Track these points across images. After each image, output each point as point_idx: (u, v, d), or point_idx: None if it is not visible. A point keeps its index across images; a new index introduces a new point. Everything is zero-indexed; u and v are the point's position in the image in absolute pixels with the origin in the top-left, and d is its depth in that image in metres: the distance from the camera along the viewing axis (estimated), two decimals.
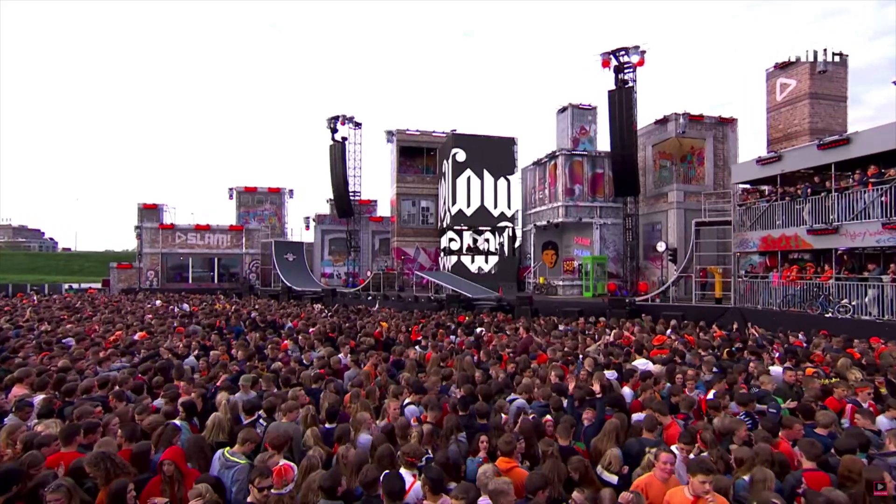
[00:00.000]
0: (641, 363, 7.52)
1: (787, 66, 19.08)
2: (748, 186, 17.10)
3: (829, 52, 17.55)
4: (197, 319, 14.34)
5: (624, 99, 20.42)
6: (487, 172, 27.09)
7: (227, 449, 4.00)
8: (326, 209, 35.03)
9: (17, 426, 4.44)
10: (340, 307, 19.54)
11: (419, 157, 31.71)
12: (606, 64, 20.56)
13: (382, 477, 3.62)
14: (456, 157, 26.99)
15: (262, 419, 4.95)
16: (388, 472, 3.78)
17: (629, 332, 11.47)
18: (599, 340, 10.48)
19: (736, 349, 9.10)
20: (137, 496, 3.39)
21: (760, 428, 4.43)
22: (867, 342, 9.20)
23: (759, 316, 13.84)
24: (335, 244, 33.50)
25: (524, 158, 29.69)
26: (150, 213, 34.83)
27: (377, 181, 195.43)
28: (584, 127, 26.54)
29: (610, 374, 7.06)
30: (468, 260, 26.62)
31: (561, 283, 24.31)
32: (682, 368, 7.00)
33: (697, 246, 18.15)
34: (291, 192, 38.63)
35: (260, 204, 37.56)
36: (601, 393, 6.01)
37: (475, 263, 26.57)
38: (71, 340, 9.71)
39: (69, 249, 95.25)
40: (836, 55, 17.82)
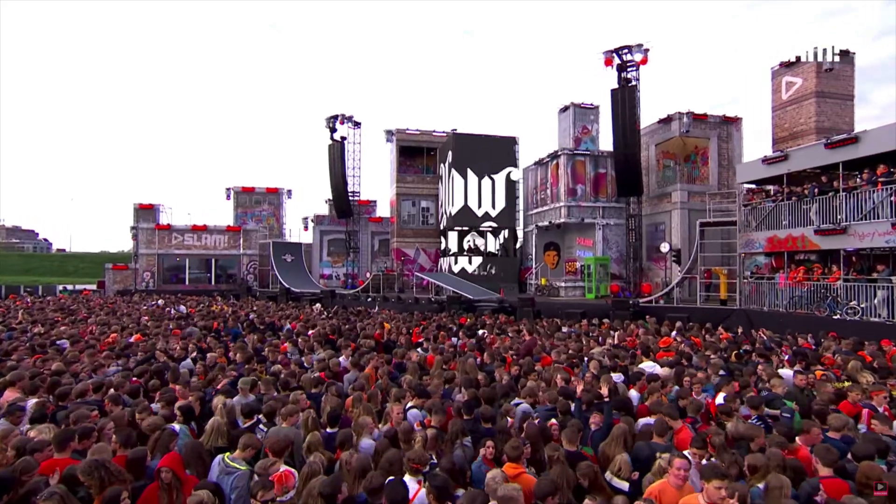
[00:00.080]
0: (648, 366, 7.44)
1: (792, 64, 19.03)
2: (753, 186, 17.03)
3: (835, 49, 17.49)
4: (193, 321, 14.26)
5: (627, 98, 20.38)
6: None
7: (226, 454, 3.92)
8: (325, 209, 35.02)
9: (8, 431, 4.35)
10: (340, 309, 19.45)
11: (419, 156, 31.68)
12: (609, 62, 20.54)
13: (385, 484, 3.55)
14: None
15: (262, 424, 4.87)
16: (391, 479, 3.70)
17: (633, 334, 11.39)
18: (604, 343, 10.41)
19: (743, 351, 9.03)
20: None
21: (775, 433, 4.34)
22: (877, 345, 9.13)
23: (765, 318, 13.77)
24: (334, 245, 33.45)
25: (525, 158, 29.57)
26: (146, 213, 34.78)
27: (376, 181, 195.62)
28: (586, 126, 26.51)
29: (616, 376, 6.97)
30: (465, 261, 26.60)
31: (563, 284, 24.25)
32: (689, 371, 6.93)
33: (702, 247, 18.08)
34: (290, 192, 38.58)
35: (258, 204, 37.47)
36: (609, 396, 5.92)
37: (471, 264, 26.54)
38: (65, 343, 9.62)
39: (64, 250, 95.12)
40: (842, 53, 17.77)
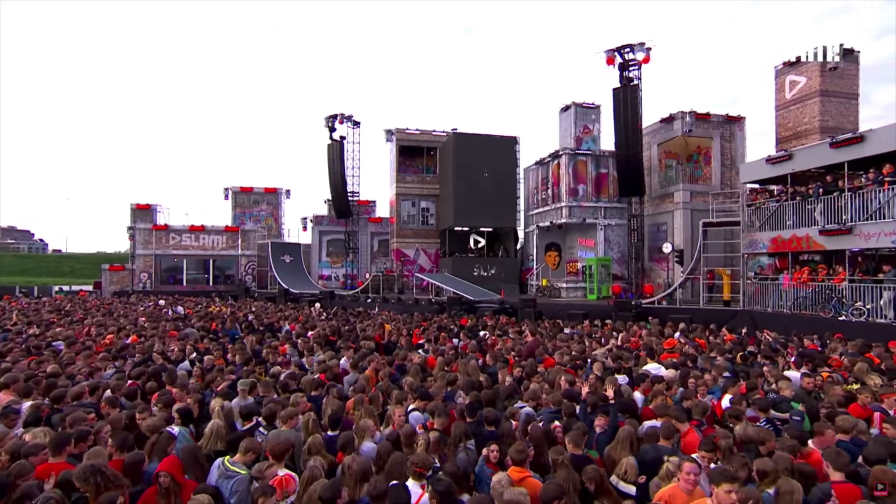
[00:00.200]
0: (653, 367, 7.40)
1: (796, 63, 19.00)
2: (757, 186, 17.01)
3: (839, 48, 17.44)
4: (191, 322, 14.20)
5: (629, 97, 20.35)
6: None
7: (226, 458, 3.86)
8: (324, 210, 34.94)
9: (3, 434, 4.30)
10: (339, 310, 19.39)
11: (419, 156, 31.62)
12: (611, 61, 20.50)
13: (387, 489, 3.51)
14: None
15: (261, 427, 4.81)
16: (394, 483, 3.66)
17: (636, 335, 11.35)
18: (607, 344, 10.38)
19: (748, 353, 8.99)
20: None
21: (786, 436, 4.29)
22: (884, 346, 9.09)
23: (769, 319, 13.75)
24: (333, 245, 33.36)
25: (526, 158, 29.58)
26: (143, 213, 34.66)
27: (376, 181, 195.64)
28: (587, 126, 26.49)
29: (621, 378, 6.94)
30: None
31: (564, 285, 24.22)
32: (694, 373, 6.89)
33: (705, 247, 18.06)
34: (288, 192, 38.48)
35: (256, 204, 37.39)
36: (613, 399, 5.88)
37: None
38: (61, 344, 9.56)
39: (60, 251, 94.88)
40: (846, 51, 17.74)
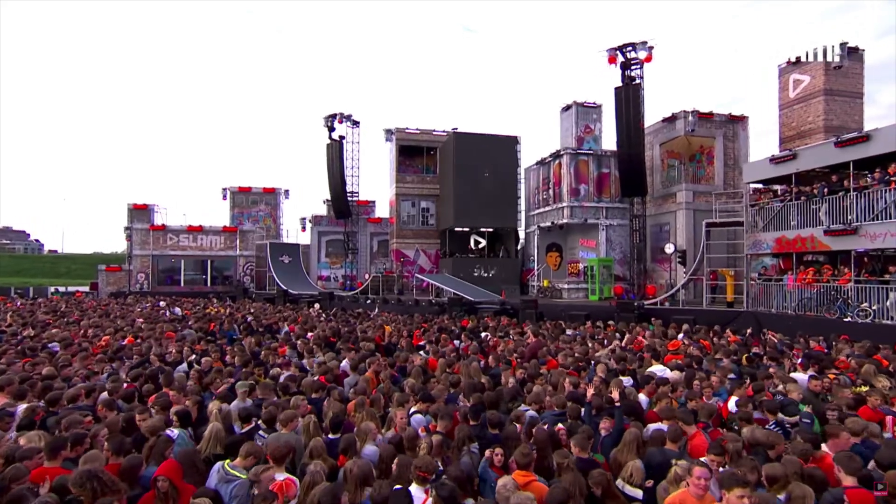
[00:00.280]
0: (658, 369, 7.34)
1: (800, 62, 18.94)
2: (760, 186, 16.96)
3: (844, 47, 17.38)
4: (188, 323, 14.13)
5: (631, 96, 20.32)
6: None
7: (227, 461, 3.81)
8: (323, 210, 34.92)
9: None
10: (339, 311, 19.34)
11: (419, 156, 31.58)
12: (613, 60, 20.47)
13: (390, 494, 3.46)
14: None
15: (261, 430, 4.75)
16: (397, 488, 3.61)
17: (639, 336, 11.31)
18: (610, 345, 10.32)
19: (754, 354, 8.94)
20: None
21: (799, 439, 4.24)
22: (891, 348, 9.04)
23: (774, 320, 13.70)
24: (332, 246, 33.31)
25: (527, 157, 29.55)
26: (140, 213, 34.59)
27: (376, 181, 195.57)
28: (588, 125, 26.45)
29: (625, 380, 6.89)
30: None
31: (566, 285, 24.17)
32: (700, 375, 6.84)
33: (708, 247, 18.02)
34: (287, 192, 38.40)
35: (254, 204, 37.31)
36: (619, 401, 5.83)
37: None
38: (56, 346, 9.49)
39: (56, 251, 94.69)
40: (851, 50, 17.68)
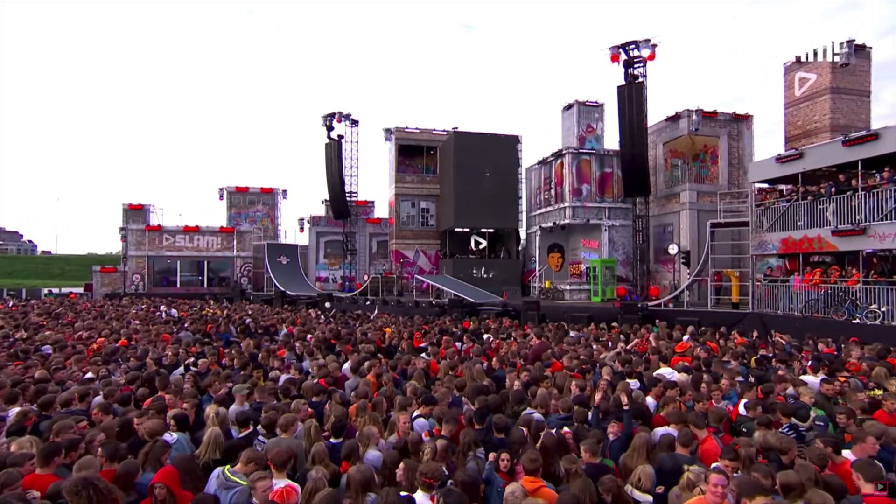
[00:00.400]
0: (667, 372, 7.26)
1: (806, 60, 18.88)
2: (765, 186, 16.91)
3: (851, 44, 17.30)
4: (184, 325, 14.03)
5: (634, 95, 20.25)
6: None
7: (227, 467, 3.73)
8: (321, 210, 34.86)
9: None
10: (338, 312, 19.27)
11: (419, 156, 31.54)
12: (616, 58, 20.41)
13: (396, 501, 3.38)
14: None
15: (260, 435, 4.67)
16: (403, 495, 3.53)
17: (644, 338, 11.25)
18: (615, 348, 10.25)
19: (762, 357, 8.87)
20: None
21: (818, 443, 4.15)
22: None
23: (780, 322, 13.63)
24: (331, 247, 33.24)
25: (529, 157, 29.51)
26: (135, 213, 34.50)
27: (375, 181, 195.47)
28: (590, 125, 26.43)
29: (633, 383, 6.82)
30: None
31: (568, 287, 24.10)
32: (707, 378, 6.77)
33: (712, 248, 17.96)
34: (285, 192, 38.28)
35: (252, 205, 37.21)
36: (627, 404, 5.76)
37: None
38: (48, 348, 9.39)
39: (49, 252, 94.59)
40: (857, 47, 17.61)
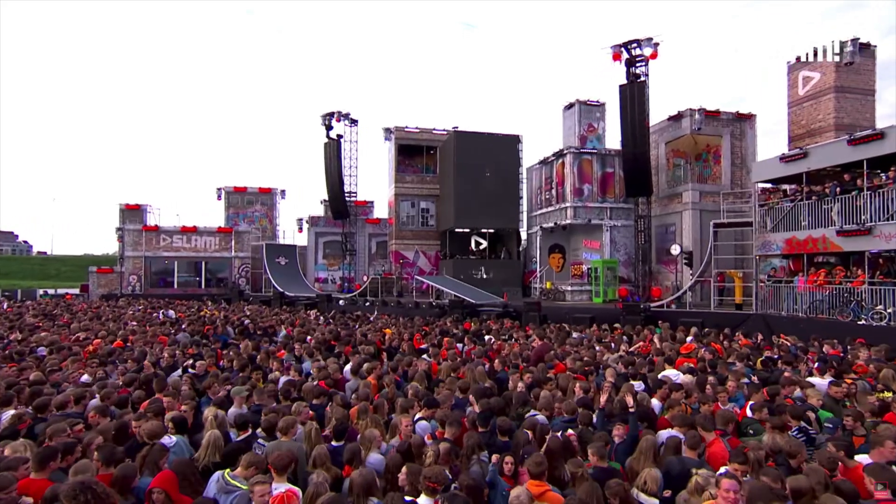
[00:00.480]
0: (672, 374, 7.22)
1: (809, 59, 18.85)
2: (769, 186, 16.88)
3: (856, 43, 17.27)
4: (181, 326, 13.96)
5: (636, 94, 20.22)
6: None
7: (227, 471, 3.67)
8: (320, 210, 34.77)
9: None
10: (337, 314, 19.21)
11: (419, 155, 31.52)
12: (617, 57, 20.38)
13: None
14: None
15: (260, 438, 4.61)
16: (407, 501, 3.48)
17: (647, 339, 11.21)
18: (618, 349, 10.21)
19: (768, 359, 8.83)
20: None
21: (830, 446, 4.10)
22: None
23: (785, 323, 13.59)
24: (330, 247, 33.18)
25: (529, 157, 29.49)
26: (132, 214, 34.39)
27: (374, 181, 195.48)
28: (592, 124, 26.43)
29: (637, 385, 6.78)
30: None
31: (569, 287, 24.05)
32: (712, 380, 6.73)
33: (715, 248, 17.92)
34: (283, 192, 38.21)
35: (250, 205, 37.14)
36: (633, 407, 5.71)
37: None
38: (42, 350, 9.32)
39: (45, 253, 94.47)
40: (862, 46, 17.57)
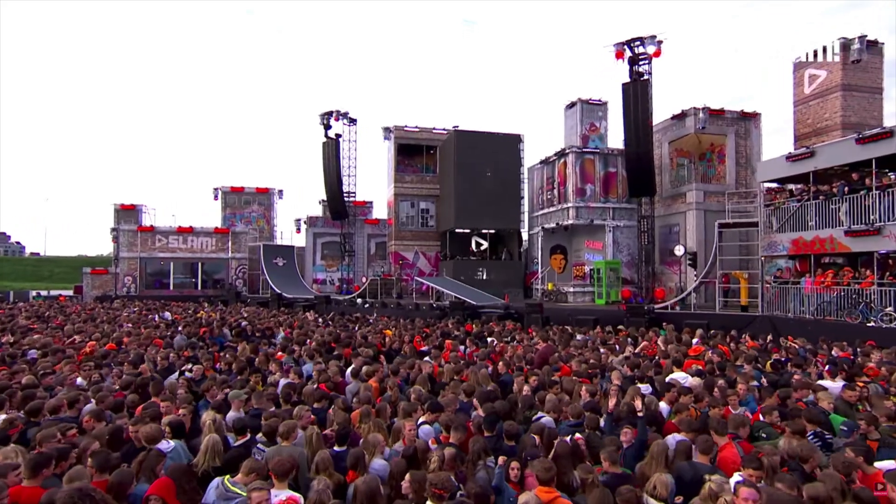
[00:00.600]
0: (681, 377, 7.16)
1: (815, 58, 18.83)
2: (774, 185, 16.84)
3: (863, 40, 17.22)
4: (178, 328, 13.87)
5: (639, 92, 20.20)
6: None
7: (227, 477, 3.60)
8: (319, 211, 34.73)
9: None
10: (336, 315, 19.14)
11: (418, 155, 31.48)
12: (620, 55, 20.35)
13: None
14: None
15: (259, 443, 4.54)
16: None
17: (652, 342, 11.16)
18: (623, 351, 10.16)
19: (777, 361, 8.77)
20: None
21: (848, 451, 4.04)
22: None
23: (792, 325, 13.52)
24: (328, 248, 33.14)
25: (531, 156, 29.45)
26: (127, 214, 34.38)
27: (373, 181, 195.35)
28: (594, 123, 26.37)
29: (644, 387, 6.73)
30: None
31: (571, 289, 24.00)
32: (722, 383, 6.67)
33: (720, 249, 17.87)
34: (281, 192, 38.28)
35: (247, 205, 37.12)
36: (641, 410, 5.65)
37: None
38: (33, 353, 9.23)
39: (38, 254, 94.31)
40: (870, 43, 17.53)
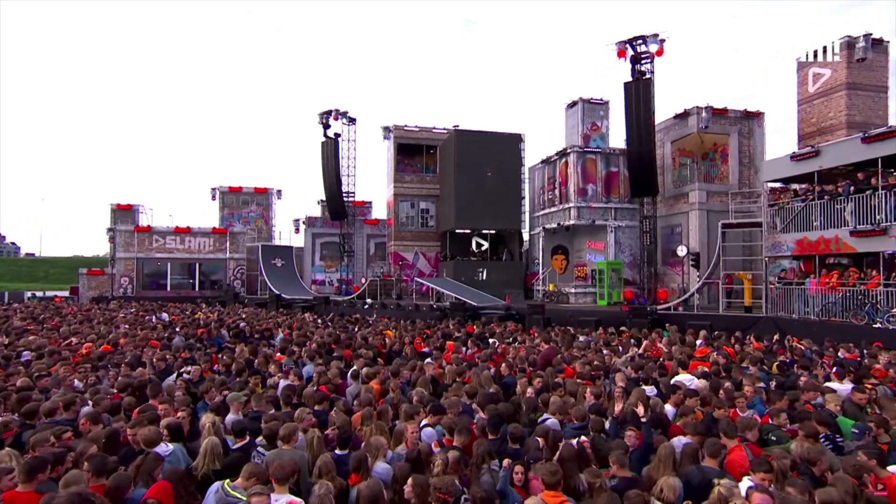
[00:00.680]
0: (686, 379, 7.12)
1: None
2: (778, 185, 16.81)
3: (868, 38, 17.19)
4: (175, 329, 13.82)
5: (641, 91, 20.19)
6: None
7: (226, 481, 3.56)
8: (317, 211, 34.73)
9: None
10: (336, 316, 19.08)
11: (418, 155, 31.45)
12: (622, 54, 20.35)
13: None
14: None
15: (259, 446, 4.49)
16: None
17: (655, 343, 11.14)
18: (626, 353, 10.12)
19: (783, 363, 8.73)
20: None
21: (861, 455, 3.99)
22: None
23: (796, 326, 13.47)
24: (327, 249, 33.11)
25: (531, 156, 29.43)
26: (124, 214, 34.33)
27: (373, 181, 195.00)
28: (595, 123, 26.31)
29: (648, 390, 6.68)
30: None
31: (573, 290, 23.95)
32: (728, 386, 6.64)
33: (723, 250, 17.83)
34: (280, 192, 38.27)
35: (245, 205, 37.08)
36: (646, 413, 5.62)
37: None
38: (27, 354, 9.17)
39: (33, 255, 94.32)
40: (875, 41, 17.51)
